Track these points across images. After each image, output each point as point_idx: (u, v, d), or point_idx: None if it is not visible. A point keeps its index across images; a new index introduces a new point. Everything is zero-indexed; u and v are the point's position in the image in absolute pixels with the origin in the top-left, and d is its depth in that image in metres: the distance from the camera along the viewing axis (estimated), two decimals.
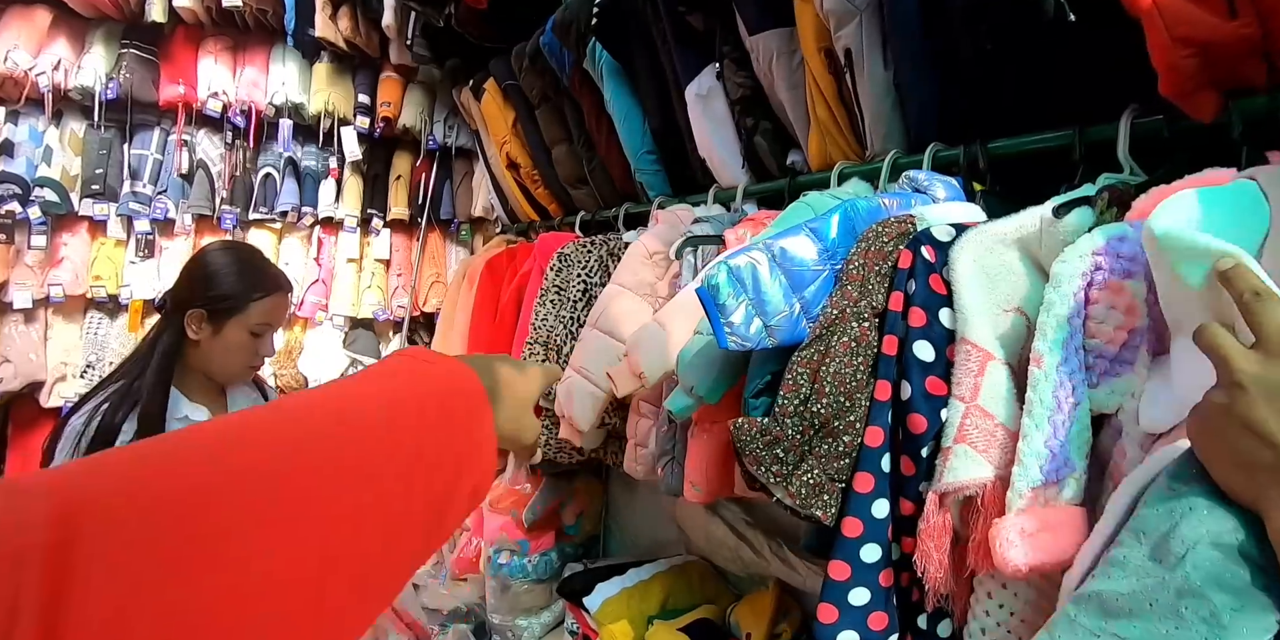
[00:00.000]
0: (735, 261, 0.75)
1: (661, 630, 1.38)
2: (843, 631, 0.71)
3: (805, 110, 1.14)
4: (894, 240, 0.76)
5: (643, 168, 1.59)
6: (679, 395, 0.92)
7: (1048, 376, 0.63)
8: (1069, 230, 0.68)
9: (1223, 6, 0.63)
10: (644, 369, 1.00)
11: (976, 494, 0.66)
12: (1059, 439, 0.62)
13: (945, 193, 0.85)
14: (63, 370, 2.34)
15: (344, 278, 2.61)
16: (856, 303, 0.74)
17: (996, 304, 0.71)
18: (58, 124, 2.32)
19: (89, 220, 2.34)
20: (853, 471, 0.71)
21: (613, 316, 1.22)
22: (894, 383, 0.71)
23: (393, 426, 0.34)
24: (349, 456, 0.32)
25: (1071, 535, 0.61)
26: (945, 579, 0.68)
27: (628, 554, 1.91)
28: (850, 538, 0.71)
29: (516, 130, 2.10)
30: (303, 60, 2.51)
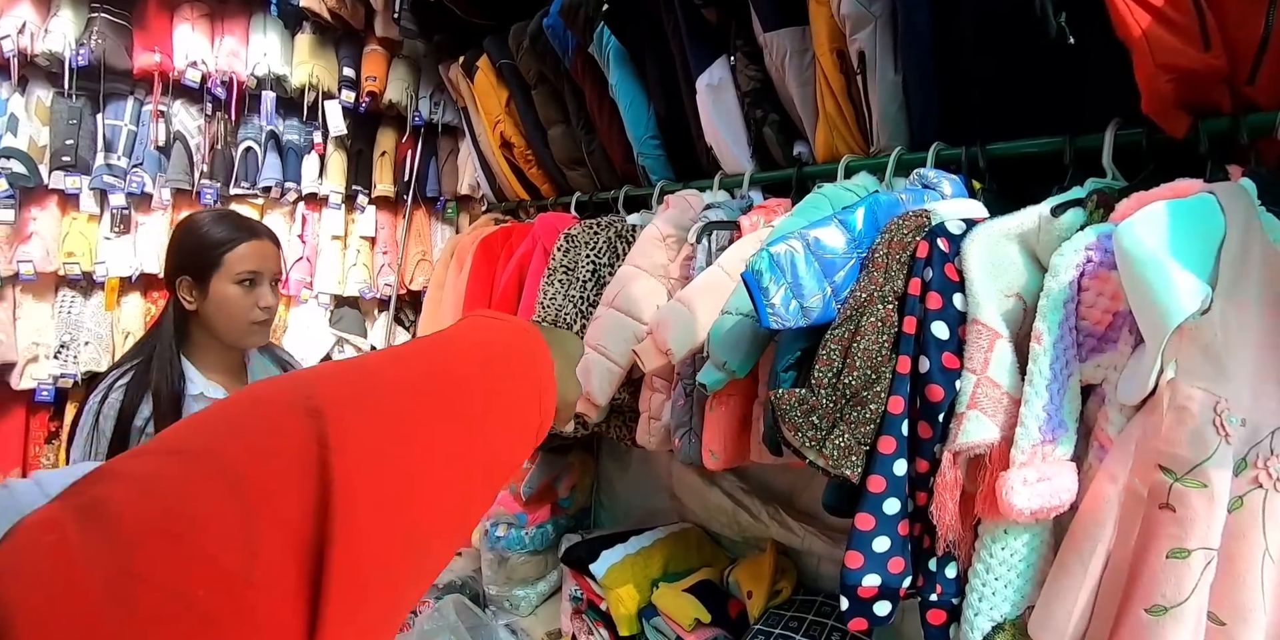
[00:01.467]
0: (776, 249, 0.84)
1: (667, 591, 1.49)
2: (867, 575, 0.82)
3: (814, 105, 1.22)
4: (912, 232, 0.86)
5: (646, 152, 1.65)
6: (710, 369, 1.01)
7: (1046, 351, 0.74)
8: (1064, 227, 0.79)
9: (1199, 39, 0.74)
10: (671, 346, 1.08)
11: (985, 452, 0.77)
12: (1054, 404, 0.74)
13: (951, 190, 0.96)
14: (35, 351, 2.28)
15: (329, 255, 2.59)
16: (881, 287, 0.84)
17: (1000, 290, 0.82)
18: (23, 92, 2.22)
19: (60, 194, 2.26)
20: (877, 435, 0.82)
21: (631, 296, 1.29)
22: (913, 358, 0.82)
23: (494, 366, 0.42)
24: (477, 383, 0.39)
25: (1065, 485, 0.73)
26: (955, 526, 0.80)
27: (620, 524, 2.01)
28: (875, 493, 0.81)
29: (510, 109, 2.12)
30: (284, 31, 2.45)
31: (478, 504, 0.37)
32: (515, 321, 0.47)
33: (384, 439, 0.31)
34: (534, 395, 0.43)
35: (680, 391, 1.24)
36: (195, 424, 0.30)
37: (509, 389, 0.41)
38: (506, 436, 0.40)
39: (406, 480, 0.31)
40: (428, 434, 0.33)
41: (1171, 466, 0.67)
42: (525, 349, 0.45)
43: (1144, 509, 0.68)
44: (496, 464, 0.38)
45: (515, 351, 0.44)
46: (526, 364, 0.44)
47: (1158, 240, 0.65)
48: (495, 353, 0.43)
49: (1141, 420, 0.71)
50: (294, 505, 0.26)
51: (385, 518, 0.29)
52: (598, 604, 1.65)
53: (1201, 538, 0.65)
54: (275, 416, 0.29)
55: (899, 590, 0.83)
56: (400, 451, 0.31)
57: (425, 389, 0.35)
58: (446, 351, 0.41)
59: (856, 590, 0.82)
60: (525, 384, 0.43)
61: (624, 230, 1.56)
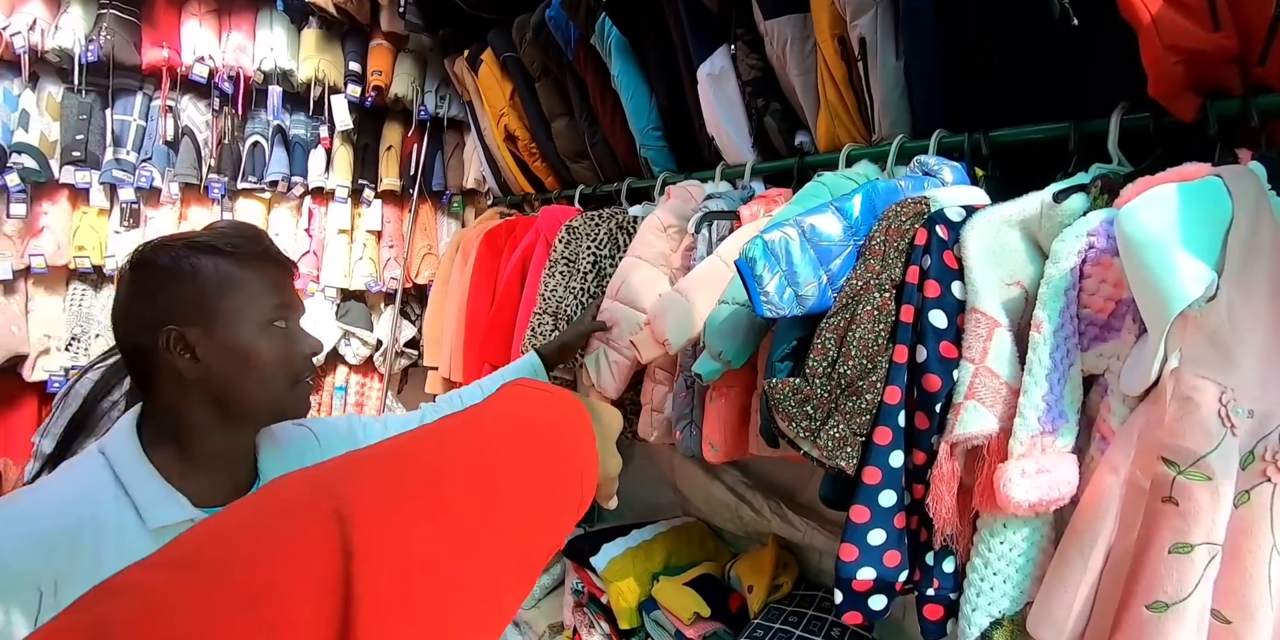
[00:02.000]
0: (770, 236, 0.82)
1: (668, 585, 1.48)
2: (862, 568, 0.81)
3: (815, 93, 1.21)
4: (911, 219, 0.84)
5: (648, 143, 1.64)
6: (707, 360, 1.00)
7: (1046, 340, 0.72)
8: (1067, 213, 0.77)
9: (1208, 19, 0.72)
10: (669, 336, 1.07)
11: (983, 444, 0.75)
12: (1055, 394, 0.72)
13: (953, 177, 0.94)
14: (46, 343, 2.30)
15: (335, 249, 2.60)
16: (878, 275, 0.82)
17: (1000, 278, 0.80)
18: (34, 87, 2.24)
19: (70, 188, 2.28)
20: (873, 426, 0.81)
21: (634, 287, 1.28)
22: (911, 347, 0.80)
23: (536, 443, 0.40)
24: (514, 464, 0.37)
25: (1065, 477, 0.72)
26: (952, 520, 0.78)
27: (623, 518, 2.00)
28: (870, 485, 0.80)
29: (514, 102, 2.11)
30: (291, 26, 2.45)
31: (512, 597, 0.35)
32: (558, 393, 0.45)
33: (414, 542, 0.29)
34: (576, 473, 0.41)
35: (681, 383, 1.23)
36: (211, 530, 0.28)
37: (551, 470, 0.39)
38: (546, 521, 0.38)
39: (437, 585, 0.29)
40: (463, 532, 0.32)
41: (1174, 458, 0.65)
42: (568, 424, 0.43)
43: (1146, 502, 0.66)
44: (534, 551, 0.36)
45: (558, 427, 0.42)
46: (569, 440, 0.42)
47: (1161, 224, 0.63)
48: (538, 431, 0.41)
49: (1144, 411, 0.69)
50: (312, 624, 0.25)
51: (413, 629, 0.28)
52: (599, 597, 1.65)
53: (1205, 532, 0.63)
54: (298, 522, 0.28)
55: (895, 584, 0.82)
56: (432, 555, 0.29)
57: (461, 481, 0.33)
58: (486, 435, 0.38)
59: (851, 583, 0.80)
60: (568, 462, 0.41)
61: (625, 222, 1.55)
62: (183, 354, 0.73)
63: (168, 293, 0.74)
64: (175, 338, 0.73)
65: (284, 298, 0.79)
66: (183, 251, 0.75)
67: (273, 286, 0.78)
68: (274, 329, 0.77)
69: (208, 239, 0.76)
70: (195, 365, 0.73)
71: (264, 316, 0.76)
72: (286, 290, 0.80)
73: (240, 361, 0.75)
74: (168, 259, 0.74)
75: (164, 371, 0.74)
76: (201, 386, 0.74)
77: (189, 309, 0.74)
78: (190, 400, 0.75)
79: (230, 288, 0.75)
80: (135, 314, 0.75)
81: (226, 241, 0.76)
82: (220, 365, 0.74)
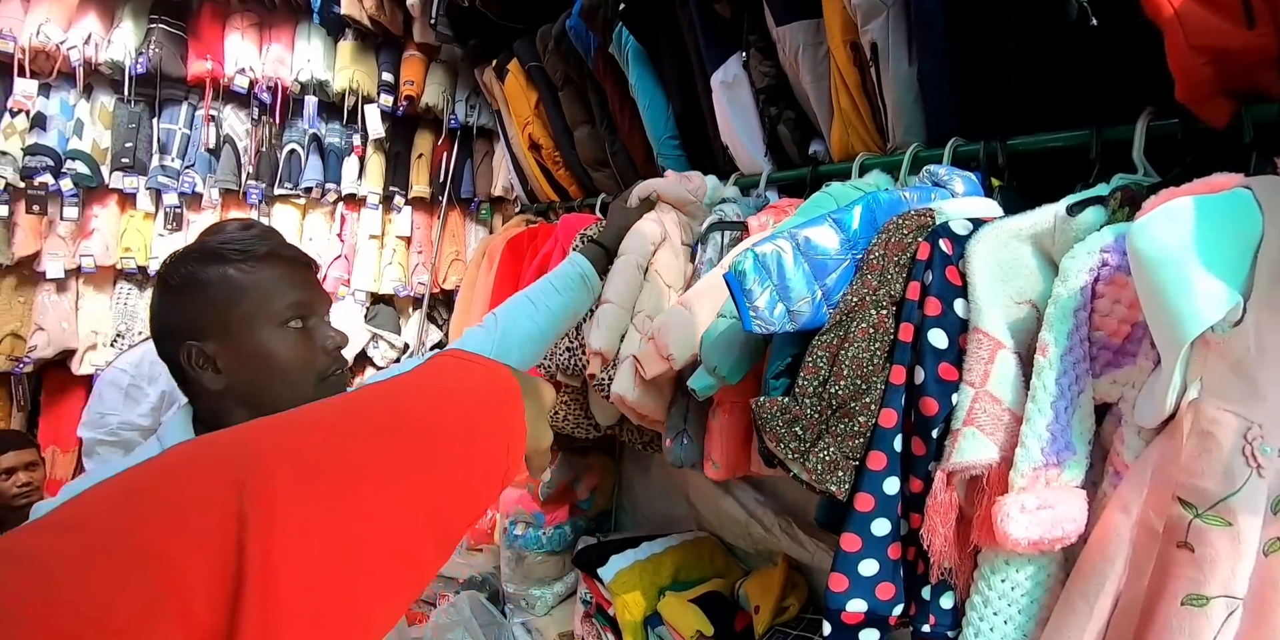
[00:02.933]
0: (762, 249, 0.79)
1: (673, 601, 1.45)
2: (852, 599, 0.76)
3: (829, 101, 1.17)
4: (913, 232, 0.80)
5: (665, 152, 1.62)
6: (701, 374, 0.97)
7: (1052, 364, 0.67)
8: (1081, 228, 0.71)
9: (1241, 17, 0.66)
10: (673, 350, 1.04)
11: (982, 474, 0.70)
12: (1061, 423, 0.67)
13: (964, 187, 0.89)
14: (93, 339, 2.42)
15: (366, 254, 2.66)
16: (875, 291, 0.78)
17: (1009, 296, 0.75)
18: (88, 97, 2.36)
19: (119, 193, 2.39)
20: (867, 450, 0.76)
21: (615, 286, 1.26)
22: (909, 368, 0.75)
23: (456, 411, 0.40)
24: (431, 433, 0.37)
25: (1070, 514, 0.66)
26: (949, 553, 0.73)
27: (639, 529, 1.97)
28: (862, 512, 0.75)
29: (539, 111, 2.12)
30: (328, 38, 2.53)
31: (427, 565, 0.35)
32: (488, 364, 0.45)
33: (315, 510, 0.29)
34: (500, 443, 0.41)
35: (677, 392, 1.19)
36: (103, 494, 0.28)
37: (471, 440, 0.39)
38: (465, 491, 0.37)
39: (340, 554, 0.29)
40: (372, 501, 0.31)
41: (1192, 500, 0.59)
42: (494, 395, 0.43)
43: (1159, 546, 0.60)
44: (451, 520, 0.36)
45: (482, 398, 0.42)
46: (494, 411, 0.42)
47: (1177, 239, 0.57)
48: (461, 401, 0.41)
49: (1160, 445, 0.63)
50: (203, 592, 0.24)
51: (311, 599, 0.27)
52: (606, 609, 1.62)
53: (1223, 584, 0.57)
54: (194, 487, 0.27)
55: (888, 618, 0.77)
56: (335, 521, 0.29)
57: (373, 449, 0.33)
58: (406, 399, 0.39)
59: (840, 615, 0.76)
60: (491, 432, 0.41)
61: None
62: (204, 367, 0.74)
63: (181, 308, 0.75)
64: (196, 353, 0.74)
65: (297, 296, 0.78)
66: (192, 265, 0.75)
67: (283, 286, 0.77)
68: (289, 329, 0.76)
69: (215, 246, 0.77)
70: (219, 377, 0.74)
71: (277, 318, 0.76)
72: (300, 287, 0.79)
73: (261, 367, 0.75)
74: (178, 276, 0.75)
75: (194, 384, 0.76)
76: (231, 395, 0.75)
77: (202, 323, 0.74)
78: (225, 406, 0.76)
79: (238, 295, 0.75)
80: (161, 330, 0.77)
81: (233, 247, 0.76)
82: (243, 373, 0.75)
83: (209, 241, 0.78)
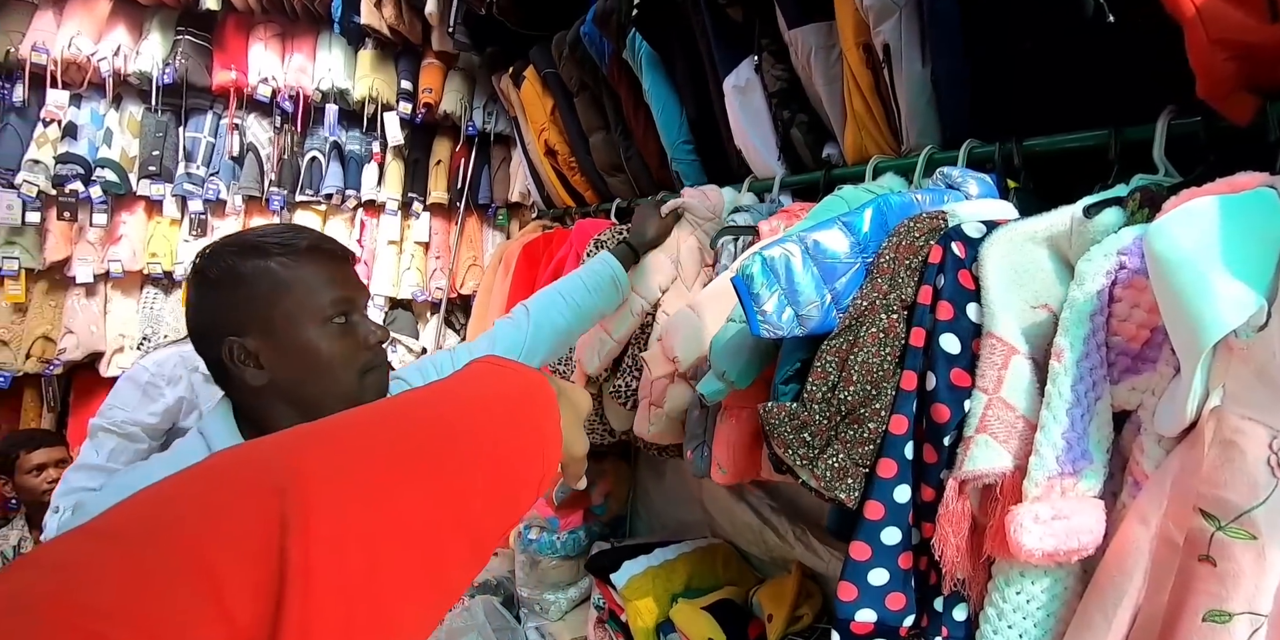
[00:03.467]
0: (770, 252, 0.78)
1: (685, 608, 1.43)
2: (861, 609, 0.75)
3: (842, 104, 1.15)
4: (925, 235, 0.78)
5: (679, 157, 1.62)
6: (710, 379, 0.96)
7: (1067, 371, 0.65)
8: (1099, 230, 0.69)
9: (1265, 10, 0.64)
10: (678, 353, 1.04)
11: (996, 482, 0.68)
12: (1077, 431, 0.65)
13: (978, 189, 0.87)
14: (120, 342, 2.47)
15: (385, 259, 2.69)
16: (886, 295, 0.77)
17: (1024, 300, 0.73)
18: (117, 107, 2.42)
19: (146, 200, 2.44)
20: (877, 457, 0.75)
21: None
22: (920, 373, 0.74)
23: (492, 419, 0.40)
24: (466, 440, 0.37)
25: (1087, 525, 0.64)
26: (962, 563, 0.71)
27: (653, 535, 1.96)
28: (872, 520, 0.74)
29: (555, 118, 2.14)
30: (348, 47, 2.57)
31: (461, 573, 0.35)
32: (524, 371, 0.46)
33: (354, 517, 0.29)
34: (536, 451, 0.41)
35: (696, 401, 1.19)
36: (144, 501, 0.28)
37: (508, 448, 0.39)
38: (501, 498, 0.38)
39: (376, 559, 0.29)
40: (409, 508, 0.31)
41: (1214, 511, 0.57)
42: (531, 402, 0.43)
43: (1179, 560, 0.58)
44: (487, 528, 0.36)
45: (519, 405, 0.42)
46: (530, 418, 0.42)
47: (1197, 241, 0.55)
48: (498, 409, 0.41)
49: (1181, 454, 0.61)
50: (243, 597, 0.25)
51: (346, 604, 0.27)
52: (619, 615, 1.61)
53: (1247, 600, 0.54)
54: (236, 494, 0.28)
55: (899, 629, 0.75)
56: (372, 529, 0.29)
57: (411, 451, 0.33)
58: (443, 406, 0.39)
59: (849, 625, 0.74)
60: (527, 440, 0.41)
61: None
62: (246, 364, 0.73)
63: (222, 303, 0.74)
64: (237, 348, 0.73)
65: (340, 292, 0.77)
66: (232, 258, 0.74)
67: (326, 282, 0.76)
68: (333, 326, 0.75)
69: (254, 240, 0.76)
70: (261, 372, 0.73)
71: (321, 315, 0.75)
72: (342, 283, 0.77)
73: (305, 364, 0.74)
74: (218, 269, 0.74)
75: (235, 380, 0.75)
76: (273, 391, 0.75)
77: (244, 318, 0.73)
78: (267, 402, 0.75)
79: (282, 291, 0.73)
80: (199, 326, 0.76)
81: (276, 241, 0.75)
82: (286, 370, 0.74)
83: (247, 235, 0.77)
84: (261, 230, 0.78)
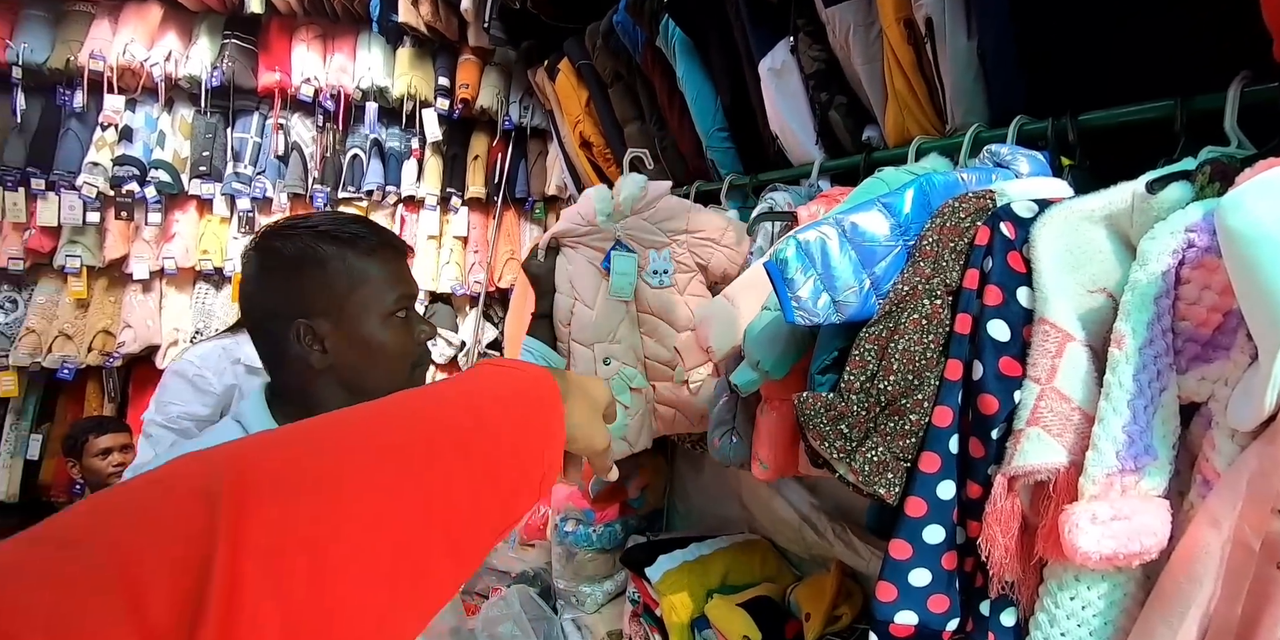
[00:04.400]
0: (804, 236, 0.75)
1: (720, 604, 1.41)
2: (901, 611, 0.71)
3: (882, 84, 1.11)
4: (971, 216, 0.74)
5: (714, 145, 1.59)
6: (744, 369, 0.93)
7: (1129, 359, 0.60)
8: (1164, 206, 0.64)
9: None
10: (713, 342, 1.01)
11: (1049, 479, 0.64)
12: (1139, 425, 0.60)
13: (1030, 167, 0.82)
14: (175, 336, 2.57)
15: (424, 254, 2.73)
16: (929, 280, 0.72)
17: (1080, 284, 0.68)
18: (169, 111, 2.52)
19: (197, 199, 2.54)
20: (919, 451, 0.71)
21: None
22: (965, 362, 0.70)
23: (481, 420, 0.38)
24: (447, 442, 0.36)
25: (1150, 526, 0.59)
26: (1011, 565, 0.67)
27: (690, 530, 1.94)
28: (913, 517, 0.70)
29: (590, 109, 2.12)
30: (387, 45, 2.61)
31: (439, 578, 0.34)
32: (526, 369, 0.45)
33: (300, 522, 0.28)
34: (533, 451, 0.40)
35: (724, 386, 1.16)
36: (87, 509, 0.28)
37: (496, 449, 0.38)
38: (486, 502, 0.37)
39: (321, 567, 0.28)
40: (368, 508, 0.31)
41: None
42: (528, 399, 0.42)
43: (1256, 566, 0.53)
44: (469, 533, 0.35)
45: (512, 402, 0.41)
46: (527, 415, 0.41)
47: (1275, 215, 0.50)
48: (488, 406, 0.40)
49: (1258, 451, 0.55)
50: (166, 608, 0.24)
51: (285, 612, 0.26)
52: (653, 609, 1.60)
53: None
54: (173, 502, 0.28)
55: (942, 633, 0.72)
56: (320, 535, 0.28)
57: (371, 463, 0.32)
58: (427, 408, 0.38)
59: (888, 627, 0.71)
60: (522, 438, 0.40)
61: None
62: (313, 346, 0.75)
63: (297, 283, 0.75)
64: (306, 330, 0.75)
65: (405, 288, 0.80)
66: (309, 240, 0.75)
67: (395, 277, 0.79)
68: (396, 319, 0.78)
69: (330, 227, 0.77)
70: (324, 356, 0.75)
71: (388, 308, 0.78)
72: (406, 279, 0.81)
73: (367, 353, 0.77)
74: (295, 248, 0.75)
75: (293, 359, 0.76)
76: (329, 374, 0.77)
77: (319, 302, 0.75)
78: (317, 384, 0.77)
79: (358, 281, 0.76)
80: (266, 301, 0.77)
81: (350, 232, 0.77)
82: (348, 356, 0.76)
83: (315, 219, 0.79)
84: (324, 217, 0.80)
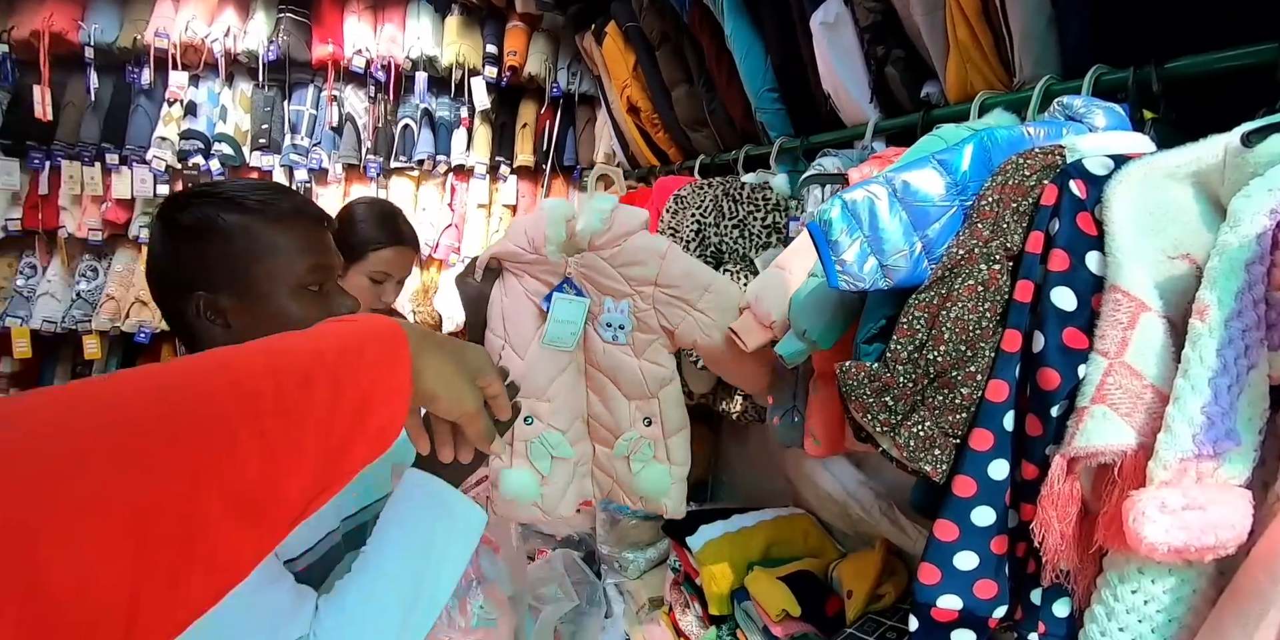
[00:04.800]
0: (851, 196, 0.70)
1: (761, 576, 1.40)
2: (944, 595, 0.68)
3: (943, 34, 1.02)
4: (1038, 173, 0.68)
5: (764, 106, 1.52)
6: (790, 339, 0.90)
7: (1213, 332, 0.54)
8: (1262, 161, 0.57)
9: None
10: (775, 317, 0.96)
11: (1114, 462, 0.59)
12: (1221, 406, 0.54)
13: (1106, 120, 0.74)
14: None
15: (474, 222, 2.76)
16: (987, 243, 0.67)
17: (1160, 249, 0.62)
18: (230, 85, 2.59)
19: (258, 171, 2.62)
20: (970, 427, 0.66)
21: None
22: (1025, 333, 0.64)
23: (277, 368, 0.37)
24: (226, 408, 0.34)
25: (1227, 519, 0.54)
26: (1067, 553, 0.62)
27: (735, 502, 1.93)
28: (961, 497, 0.66)
29: (637, 73, 2.08)
30: (435, 14, 2.61)
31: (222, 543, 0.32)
32: (367, 319, 0.44)
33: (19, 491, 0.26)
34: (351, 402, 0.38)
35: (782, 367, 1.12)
36: None
37: (303, 401, 0.36)
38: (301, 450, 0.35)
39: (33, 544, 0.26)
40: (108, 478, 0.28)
41: None
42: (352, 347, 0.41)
43: None
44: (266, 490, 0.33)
45: (325, 350, 0.40)
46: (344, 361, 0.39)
47: None
48: (292, 364, 0.38)
49: None
50: None
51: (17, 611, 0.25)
52: (694, 578, 1.60)
53: None
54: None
55: (988, 620, 0.68)
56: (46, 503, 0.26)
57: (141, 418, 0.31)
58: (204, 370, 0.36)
59: (930, 610, 0.68)
60: (331, 392, 0.38)
61: (732, 188, 1.45)
62: (214, 321, 0.70)
63: (195, 254, 0.70)
64: (207, 303, 0.70)
65: (318, 258, 0.73)
66: (209, 208, 0.70)
67: (307, 247, 0.72)
68: (307, 293, 0.73)
69: (236, 193, 0.72)
70: (227, 332, 0.70)
71: (297, 280, 0.72)
72: (321, 250, 0.74)
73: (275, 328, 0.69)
74: (194, 217, 0.70)
75: (198, 334, 0.72)
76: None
77: (220, 274, 0.69)
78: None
79: (261, 250, 0.70)
80: (165, 275, 0.72)
81: (257, 198, 0.71)
82: (254, 332, 0.69)
83: (223, 186, 0.73)
84: (237, 184, 0.75)
